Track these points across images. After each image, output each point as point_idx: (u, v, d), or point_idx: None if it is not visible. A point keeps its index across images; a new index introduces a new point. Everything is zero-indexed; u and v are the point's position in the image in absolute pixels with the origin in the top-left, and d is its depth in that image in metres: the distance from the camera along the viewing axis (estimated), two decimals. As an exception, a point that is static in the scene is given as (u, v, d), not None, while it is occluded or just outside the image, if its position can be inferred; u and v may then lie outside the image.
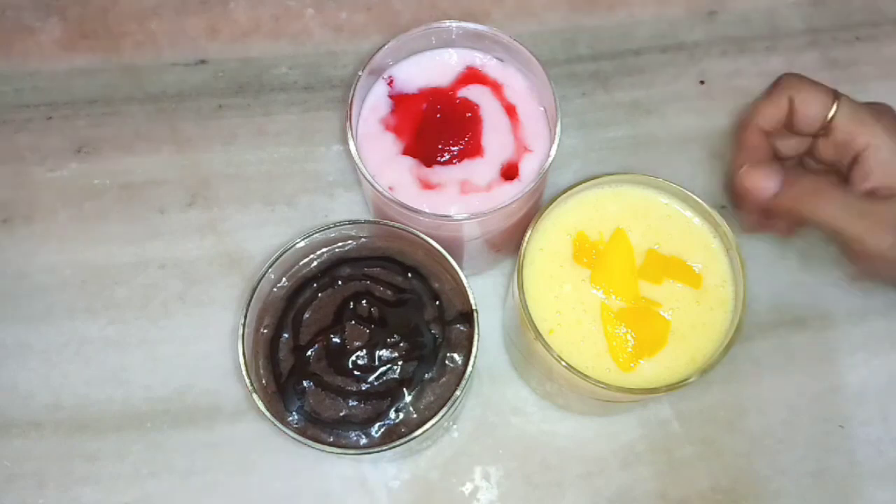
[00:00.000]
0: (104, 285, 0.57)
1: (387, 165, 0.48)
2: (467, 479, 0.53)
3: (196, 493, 0.53)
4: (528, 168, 0.48)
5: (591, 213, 0.47)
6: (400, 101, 0.50)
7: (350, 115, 0.47)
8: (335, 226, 0.46)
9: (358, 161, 0.46)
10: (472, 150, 0.48)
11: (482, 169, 0.48)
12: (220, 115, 0.61)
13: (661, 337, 0.45)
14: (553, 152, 0.46)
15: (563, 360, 0.43)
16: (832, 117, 0.48)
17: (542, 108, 0.49)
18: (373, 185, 0.46)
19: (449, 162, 0.48)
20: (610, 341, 0.45)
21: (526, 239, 0.45)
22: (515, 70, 0.50)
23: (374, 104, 0.50)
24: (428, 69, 0.50)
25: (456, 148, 0.48)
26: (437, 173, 0.48)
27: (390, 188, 0.47)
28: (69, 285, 0.57)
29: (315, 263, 0.48)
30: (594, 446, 0.54)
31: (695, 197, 0.46)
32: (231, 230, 0.58)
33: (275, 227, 0.58)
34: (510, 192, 0.47)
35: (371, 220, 0.48)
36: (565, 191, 0.46)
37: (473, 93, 0.50)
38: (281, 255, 0.45)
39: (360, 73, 0.47)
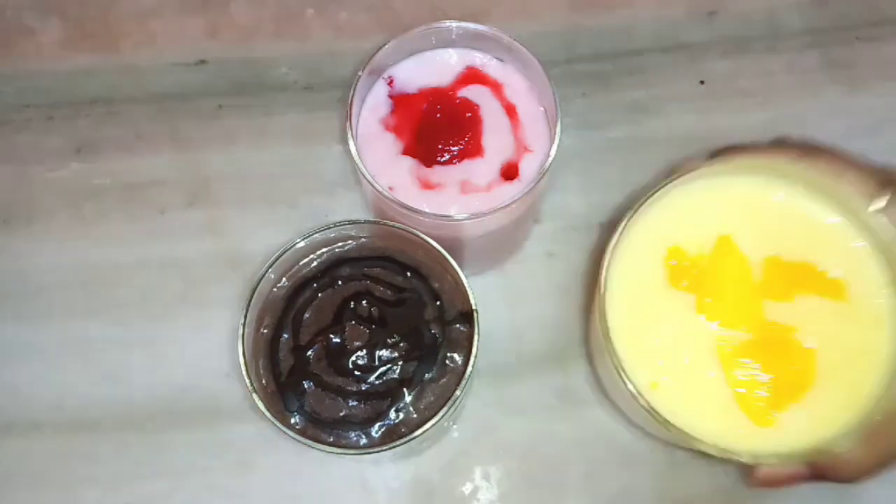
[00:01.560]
0: (104, 285, 0.57)
1: (387, 165, 0.48)
2: (467, 479, 0.53)
3: (196, 493, 0.53)
4: (529, 168, 0.48)
5: (685, 218, 0.37)
6: (400, 101, 0.50)
7: (350, 115, 0.47)
8: (335, 226, 0.46)
9: (358, 161, 0.46)
10: (472, 150, 0.48)
11: (482, 169, 0.48)
12: (221, 115, 0.61)
13: (804, 374, 0.34)
14: (553, 152, 0.46)
15: (672, 424, 0.33)
16: (879, 210, 0.35)
17: (542, 108, 0.49)
18: (373, 186, 0.46)
19: (449, 162, 0.48)
20: (735, 387, 0.34)
21: (605, 266, 0.35)
22: (515, 70, 0.50)
23: (374, 104, 0.50)
24: (428, 69, 0.50)
25: (456, 148, 0.48)
26: (438, 173, 0.48)
27: (390, 188, 0.47)
28: (69, 285, 0.57)
29: (315, 263, 0.48)
30: (595, 446, 0.54)
31: (844, 189, 0.35)
32: (231, 230, 0.58)
33: (275, 227, 0.57)
34: (510, 192, 0.47)
35: (371, 220, 0.48)
36: (647, 195, 0.36)
37: (473, 93, 0.50)
38: (281, 255, 0.45)
39: (360, 74, 0.47)
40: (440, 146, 0.48)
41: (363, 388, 0.44)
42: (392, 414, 0.44)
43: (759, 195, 0.37)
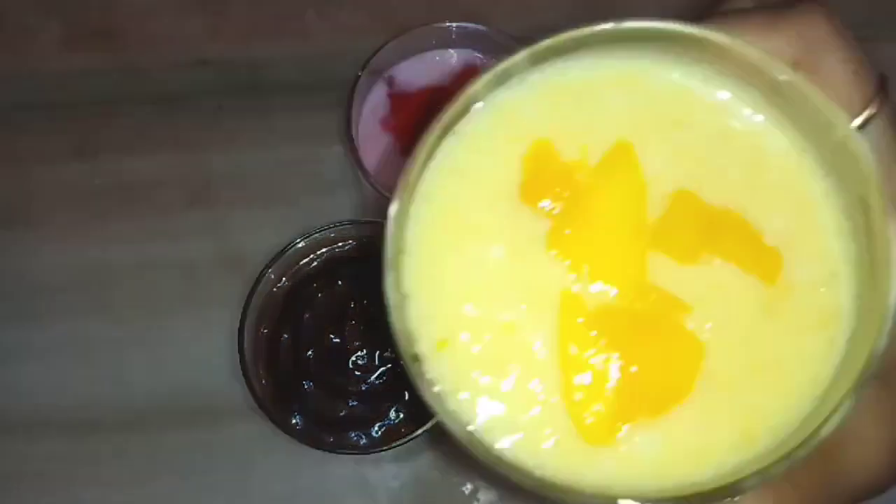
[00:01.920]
0: (105, 285, 0.57)
1: (387, 165, 0.48)
2: (467, 479, 0.53)
3: (197, 493, 0.53)
4: None
5: (571, 105, 0.24)
6: (400, 100, 0.50)
7: (350, 115, 0.47)
8: (335, 226, 0.46)
9: (358, 161, 0.46)
10: None
11: None
12: (221, 115, 0.61)
13: (681, 377, 0.22)
14: None
15: (446, 418, 0.21)
16: (863, 122, 0.25)
17: None
18: (373, 186, 0.46)
19: None
20: (568, 375, 0.22)
21: (423, 147, 0.23)
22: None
23: (374, 104, 0.50)
24: (428, 69, 0.50)
25: None
26: None
27: (390, 188, 0.47)
28: (70, 286, 0.57)
29: (315, 263, 0.48)
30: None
31: (813, 96, 0.23)
32: (231, 230, 0.58)
33: (275, 226, 0.57)
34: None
35: (371, 219, 0.48)
36: (520, 51, 0.24)
37: None
38: (281, 255, 0.45)
39: (359, 74, 0.47)
40: None
41: (363, 388, 0.44)
42: (392, 414, 0.44)
43: (694, 93, 0.24)
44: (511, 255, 0.23)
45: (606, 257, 0.23)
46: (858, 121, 0.25)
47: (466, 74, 0.50)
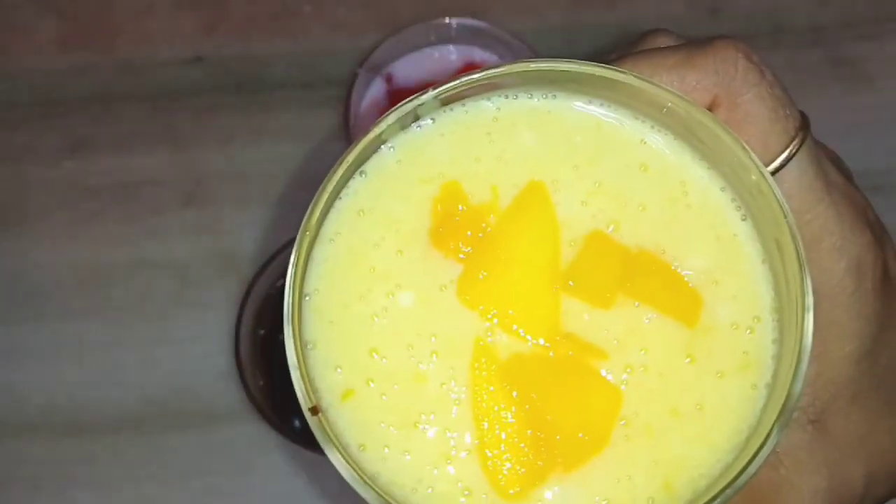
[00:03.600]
0: (100, 285, 0.56)
1: None
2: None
3: (193, 494, 0.52)
4: None
5: (482, 145, 0.23)
6: (399, 98, 0.49)
7: (348, 113, 0.47)
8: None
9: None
10: None
11: None
12: (217, 113, 0.61)
13: (597, 428, 0.21)
14: None
15: (347, 458, 0.21)
16: (781, 165, 0.25)
17: None
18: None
19: None
20: (480, 428, 0.21)
21: (321, 196, 0.23)
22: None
23: (372, 101, 0.49)
24: (427, 66, 0.50)
25: None
26: None
27: None
28: (64, 285, 0.56)
29: (312, 263, 0.47)
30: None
31: (724, 134, 0.23)
32: (227, 230, 0.58)
33: (271, 226, 0.57)
34: None
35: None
36: (427, 92, 0.23)
37: None
38: (277, 255, 0.45)
39: (358, 71, 0.47)
40: None
41: (361, 390, 0.44)
42: (390, 416, 0.43)
43: (611, 134, 0.23)
44: (421, 302, 0.22)
45: (519, 304, 0.22)
46: (778, 161, 0.25)
47: (466, 70, 0.50)
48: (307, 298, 0.22)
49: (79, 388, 0.54)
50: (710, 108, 0.25)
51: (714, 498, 0.20)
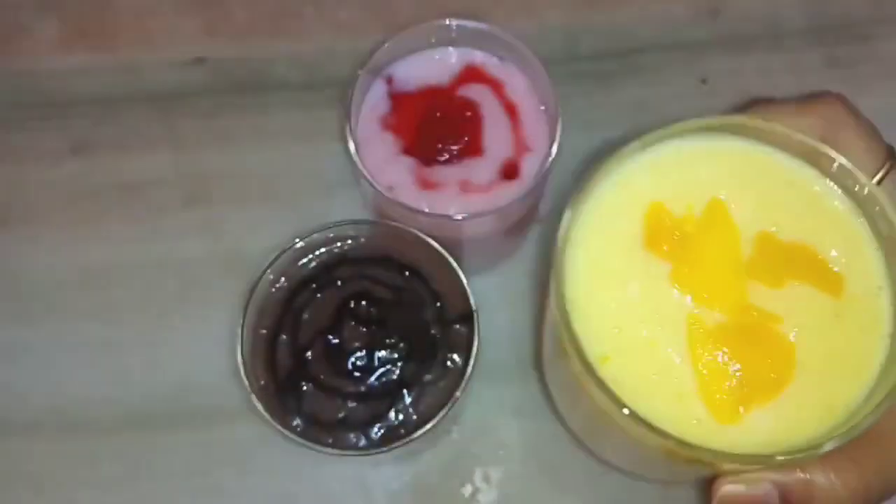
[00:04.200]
0: (102, 285, 0.57)
1: (386, 165, 0.48)
2: (467, 481, 0.53)
3: (194, 494, 0.52)
4: (529, 167, 0.48)
5: (676, 176, 0.32)
6: (399, 100, 0.49)
7: (349, 114, 0.47)
8: (334, 226, 0.46)
9: (357, 160, 0.46)
10: (472, 149, 0.48)
11: (482, 168, 0.48)
12: (219, 114, 0.61)
13: (781, 370, 0.30)
14: (554, 151, 0.46)
15: (624, 403, 0.28)
16: (878, 181, 0.33)
17: (542, 107, 0.49)
18: (372, 185, 0.45)
19: (448, 161, 0.48)
20: (700, 375, 0.30)
21: (569, 215, 0.31)
22: (516, 69, 0.50)
23: (373, 103, 0.50)
24: (427, 68, 0.50)
25: (455, 147, 0.48)
26: (437, 172, 0.48)
27: (390, 188, 0.47)
28: (66, 285, 0.57)
29: (314, 263, 0.47)
30: (595, 448, 0.53)
31: (840, 160, 0.31)
32: (229, 230, 0.58)
33: (273, 226, 0.57)
34: (510, 192, 0.47)
35: (370, 219, 0.48)
36: (633, 139, 0.32)
37: (473, 92, 0.49)
38: (280, 255, 0.45)
39: (359, 73, 0.47)
40: (440, 145, 0.48)
41: (362, 389, 0.44)
42: (391, 415, 0.44)
43: (763, 161, 0.32)
44: (644, 290, 0.32)
45: (717, 287, 0.31)
46: (875, 179, 0.33)
47: (467, 74, 0.50)
48: (564, 295, 0.31)
49: (81, 387, 0.54)
50: None
51: (865, 417, 0.28)
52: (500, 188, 0.47)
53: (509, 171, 0.48)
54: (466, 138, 0.48)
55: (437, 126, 0.48)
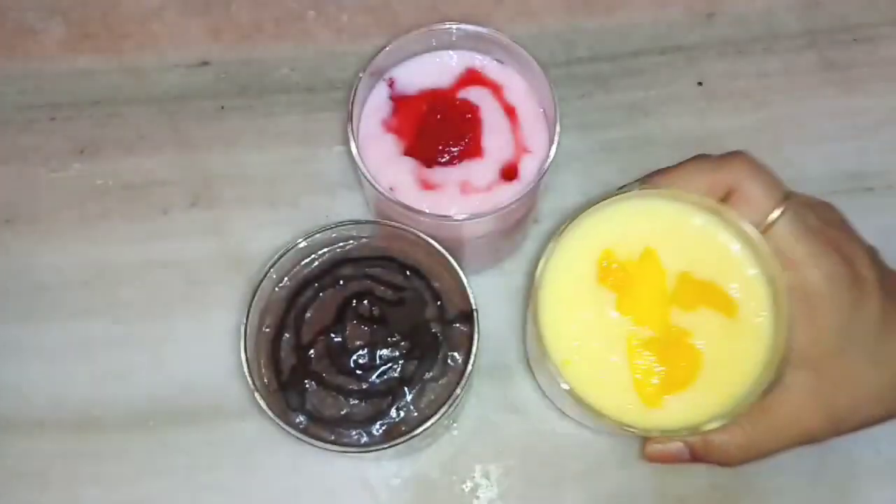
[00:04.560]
0: (107, 285, 0.57)
1: (387, 166, 0.48)
2: (467, 477, 0.53)
3: (198, 491, 0.53)
4: (528, 169, 0.48)
5: (620, 229, 0.42)
6: (400, 102, 0.50)
7: (351, 116, 0.47)
8: (336, 226, 0.46)
9: (359, 162, 0.47)
10: (472, 150, 0.49)
11: (482, 169, 0.48)
12: (223, 116, 0.62)
13: (691, 370, 0.41)
14: (552, 153, 0.46)
15: (579, 395, 0.39)
16: (772, 221, 0.42)
17: (541, 110, 0.50)
18: (373, 186, 0.46)
19: (449, 163, 0.48)
20: (634, 373, 0.41)
21: (545, 258, 0.41)
22: (515, 72, 0.50)
23: (375, 105, 0.50)
24: (428, 71, 0.51)
25: (456, 149, 0.48)
26: (438, 174, 0.48)
27: (391, 188, 0.48)
28: (72, 285, 0.57)
29: (317, 263, 0.48)
30: (593, 445, 0.54)
31: (734, 216, 0.41)
32: (233, 230, 0.59)
33: (277, 227, 0.58)
34: (510, 193, 0.47)
35: (372, 220, 0.48)
36: (591, 204, 0.42)
37: (473, 94, 0.50)
38: (283, 255, 0.45)
39: (360, 75, 0.48)
40: (440, 147, 0.48)
41: (364, 387, 0.44)
42: (393, 412, 0.44)
43: (682, 219, 0.43)
44: (596, 314, 0.42)
45: (648, 312, 0.42)
46: (770, 219, 0.42)
47: (467, 77, 0.51)
48: (539, 319, 0.42)
49: (86, 385, 0.55)
50: (730, 193, 0.43)
51: (745, 404, 0.39)
52: (500, 189, 0.48)
53: (509, 173, 0.49)
54: (466, 140, 0.48)
55: (437, 128, 0.49)
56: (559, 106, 0.47)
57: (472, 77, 0.50)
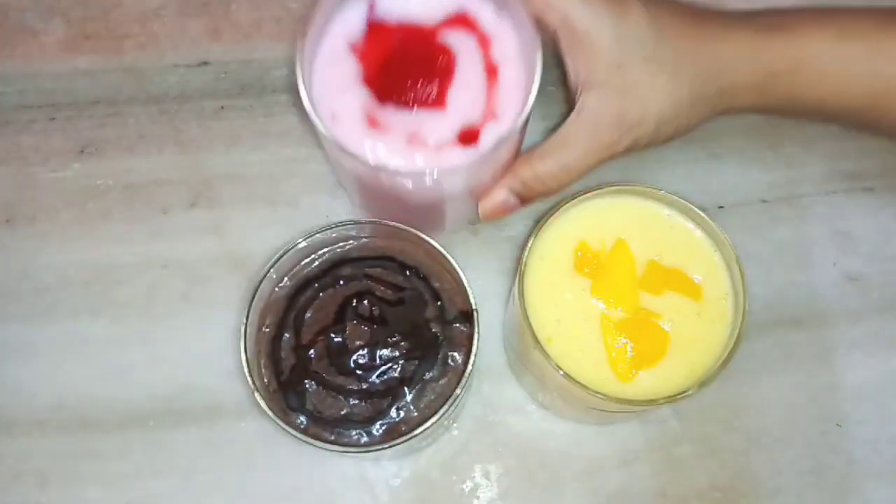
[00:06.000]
0: (107, 285, 0.57)
1: (338, 91, 0.43)
2: (467, 477, 0.53)
3: (198, 490, 0.53)
4: (489, 135, 0.43)
5: (594, 222, 0.47)
6: (376, 28, 0.45)
7: (312, 18, 0.41)
8: (336, 226, 0.46)
9: (301, 79, 0.41)
10: (434, 100, 0.43)
11: (438, 124, 0.43)
12: (223, 116, 0.62)
13: (660, 348, 0.45)
14: (520, 122, 0.41)
15: (561, 368, 0.42)
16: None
17: (524, 77, 0.44)
18: (313, 113, 0.40)
19: (404, 104, 0.43)
20: (609, 351, 0.44)
21: (528, 248, 0.45)
22: (510, 27, 0.45)
23: (347, 22, 0.44)
24: (416, 2, 0.45)
25: (417, 91, 0.43)
26: (388, 115, 0.43)
27: (332, 116, 0.42)
28: (72, 285, 0.57)
29: (316, 263, 0.48)
30: (593, 445, 0.54)
31: (697, 210, 0.45)
32: (233, 230, 0.59)
33: (277, 227, 0.58)
34: (460, 159, 0.42)
35: (372, 220, 0.48)
36: (567, 200, 0.46)
37: (457, 39, 0.44)
38: (283, 255, 0.45)
39: None
40: (400, 84, 0.43)
41: (364, 387, 0.44)
42: (393, 412, 0.44)
43: (651, 211, 0.47)
44: (574, 297, 0.46)
45: (620, 296, 0.46)
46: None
47: (455, 19, 0.45)
48: (525, 300, 0.44)
49: (86, 385, 0.55)
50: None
51: (712, 371, 0.43)
52: (452, 151, 0.43)
53: (467, 136, 0.43)
54: (431, 85, 0.43)
55: (404, 63, 0.43)
56: (551, 90, 0.46)
57: (460, 20, 0.45)
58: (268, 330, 0.46)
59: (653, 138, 0.48)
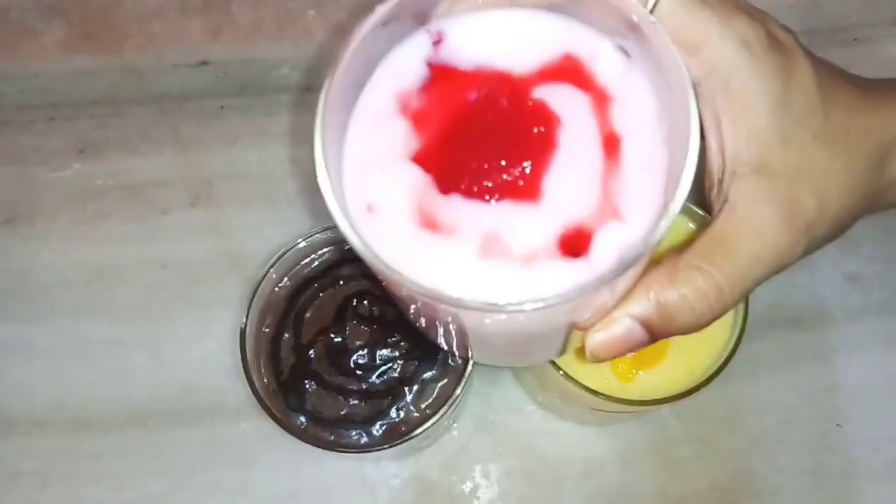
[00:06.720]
0: (107, 285, 0.57)
1: (379, 171, 0.29)
2: (467, 478, 0.53)
3: (198, 490, 0.53)
4: (607, 244, 0.28)
5: None
6: (441, 73, 0.30)
7: (345, 55, 0.27)
8: (336, 226, 0.46)
9: (319, 146, 0.27)
10: (525, 187, 0.28)
11: (530, 223, 0.28)
12: (222, 115, 0.62)
13: (660, 349, 0.45)
14: (661, 229, 0.26)
15: (561, 368, 0.42)
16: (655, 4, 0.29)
17: (664, 152, 0.29)
18: (335, 202, 0.27)
19: (479, 195, 0.28)
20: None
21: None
22: (643, 76, 0.30)
23: (400, 66, 0.30)
24: (500, 38, 0.30)
25: (502, 176, 0.28)
26: (454, 208, 0.28)
27: (369, 207, 0.29)
28: (72, 285, 0.57)
29: (316, 263, 0.48)
30: (593, 445, 0.54)
31: (697, 210, 0.45)
32: (233, 230, 0.59)
33: (276, 227, 0.58)
34: (563, 278, 0.28)
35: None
36: None
37: (560, 96, 0.30)
38: (282, 255, 0.46)
39: (390, 2, 0.28)
40: (474, 164, 0.28)
41: (364, 387, 0.44)
42: (393, 412, 0.44)
43: None
44: None
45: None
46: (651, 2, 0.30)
47: (560, 65, 0.30)
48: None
49: (86, 385, 0.55)
50: None
51: (711, 373, 0.43)
52: (549, 267, 0.28)
53: (574, 243, 0.28)
54: (522, 168, 0.28)
55: (483, 133, 0.29)
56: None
57: (568, 69, 0.30)
58: (268, 330, 0.46)
59: (821, 245, 0.35)
